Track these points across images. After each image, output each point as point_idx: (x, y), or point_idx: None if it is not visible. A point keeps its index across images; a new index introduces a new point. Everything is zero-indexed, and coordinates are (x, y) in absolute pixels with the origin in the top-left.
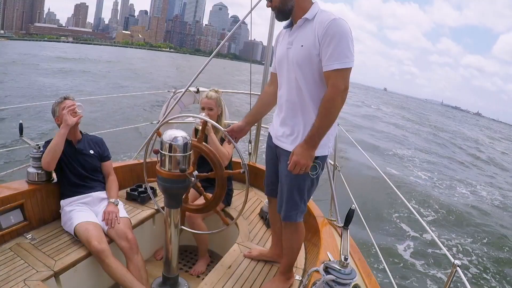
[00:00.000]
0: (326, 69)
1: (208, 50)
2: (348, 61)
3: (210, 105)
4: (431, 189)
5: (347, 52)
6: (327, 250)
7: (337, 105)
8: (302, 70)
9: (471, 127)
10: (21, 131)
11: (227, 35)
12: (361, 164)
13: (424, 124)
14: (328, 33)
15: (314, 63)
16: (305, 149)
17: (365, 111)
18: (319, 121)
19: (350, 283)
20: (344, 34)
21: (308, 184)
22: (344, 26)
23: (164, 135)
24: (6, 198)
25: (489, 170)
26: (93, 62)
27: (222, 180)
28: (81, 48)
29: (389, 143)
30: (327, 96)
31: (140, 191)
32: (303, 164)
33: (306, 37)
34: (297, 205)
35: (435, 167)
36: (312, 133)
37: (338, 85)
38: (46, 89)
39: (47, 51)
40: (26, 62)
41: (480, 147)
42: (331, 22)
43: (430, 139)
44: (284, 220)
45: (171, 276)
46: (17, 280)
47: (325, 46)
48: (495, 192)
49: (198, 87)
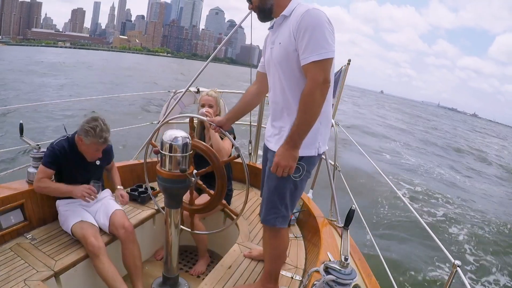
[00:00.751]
0: (304, 62)
1: (205, 54)
2: (325, 51)
3: (210, 102)
4: (431, 189)
5: (323, 42)
6: (327, 250)
7: (316, 99)
8: (283, 69)
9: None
10: (21, 131)
11: (224, 40)
12: (361, 164)
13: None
14: (302, 25)
15: (292, 60)
16: (286, 149)
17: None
18: (298, 118)
19: (350, 283)
20: (318, 24)
21: (291, 188)
22: (318, 15)
23: (164, 135)
24: (6, 198)
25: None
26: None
27: (220, 171)
28: (79, 53)
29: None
30: (306, 91)
31: (140, 191)
32: (284, 166)
33: (283, 34)
34: (276, 208)
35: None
36: (292, 132)
37: (317, 78)
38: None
39: (46, 56)
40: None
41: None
42: (304, 13)
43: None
44: (262, 223)
45: (171, 276)
46: (17, 280)
47: (300, 39)
48: (495, 192)
49: (198, 87)
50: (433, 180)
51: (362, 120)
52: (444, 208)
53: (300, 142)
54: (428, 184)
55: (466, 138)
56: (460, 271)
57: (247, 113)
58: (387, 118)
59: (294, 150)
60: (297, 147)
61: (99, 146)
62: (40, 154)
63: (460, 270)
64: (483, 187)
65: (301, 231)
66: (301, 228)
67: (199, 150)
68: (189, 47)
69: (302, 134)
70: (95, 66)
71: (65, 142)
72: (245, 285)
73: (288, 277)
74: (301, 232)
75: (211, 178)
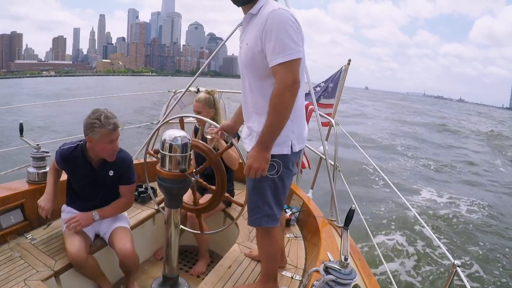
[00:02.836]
0: (271, 64)
1: (189, 70)
2: (292, 52)
3: (197, 108)
4: (431, 189)
5: (289, 43)
6: (327, 250)
7: (285, 100)
8: (250, 69)
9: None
10: (21, 131)
11: (205, 53)
12: (360, 164)
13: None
14: (267, 26)
15: (258, 60)
16: (257, 151)
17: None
18: (269, 119)
19: (350, 283)
20: (282, 25)
21: (270, 186)
22: (283, 15)
23: (164, 135)
24: (6, 198)
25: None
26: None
27: (217, 164)
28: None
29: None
30: (275, 92)
31: (140, 191)
32: (256, 168)
33: (250, 34)
34: (259, 208)
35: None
36: (263, 134)
37: (285, 80)
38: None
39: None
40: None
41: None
42: (269, 14)
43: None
44: (249, 224)
45: (171, 276)
46: (17, 280)
47: (267, 41)
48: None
49: (198, 87)
50: (433, 179)
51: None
52: (444, 208)
53: (271, 143)
54: (429, 184)
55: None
56: (460, 271)
57: None
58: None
59: (266, 151)
60: (268, 148)
61: (111, 136)
62: (40, 154)
63: (460, 270)
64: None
65: (301, 231)
66: (301, 228)
67: (197, 149)
68: (172, 64)
69: (273, 135)
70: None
71: (74, 150)
72: (245, 285)
73: (288, 277)
74: (301, 232)
75: (211, 178)
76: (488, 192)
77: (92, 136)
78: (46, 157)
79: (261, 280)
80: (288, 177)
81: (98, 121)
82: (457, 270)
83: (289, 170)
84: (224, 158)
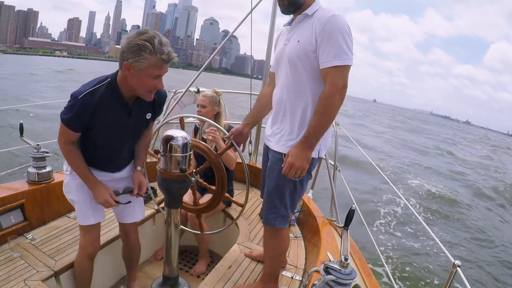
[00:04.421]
0: (325, 66)
1: (200, 64)
2: (347, 58)
3: (203, 102)
4: (431, 188)
5: (345, 49)
6: (327, 250)
7: (335, 103)
8: (296, 67)
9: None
10: (22, 131)
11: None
12: (361, 163)
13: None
14: (326, 29)
15: (308, 59)
16: (300, 150)
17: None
18: (316, 120)
19: (350, 283)
20: (342, 31)
21: (291, 188)
22: (344, 23)
23: (164, 135)
24: (6, 198)
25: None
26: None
27: (217, 164)
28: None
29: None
30: (325, 94)
31: None
32: (298, 167)
33: (303, 33)
34: (276, 208)
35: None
36: (308, 133)
37: (337, 83)
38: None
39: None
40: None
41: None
42: (329, 18)
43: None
44: (263, 223)
45: (171, 276)
46: (17, 280)
47: (324, 42)
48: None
49: (199, 87)
50: (432, 178)
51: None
52: (444, 208)
53: (315, 143)
54: (428, 181)
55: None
56: (460, 271)
57: (265, 116)
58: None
59: (309, 151)
60: (312, 147)
61: (160, 69)
62: (40, 154)
63: (460, 270)
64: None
65: (301, 231)
66: (301, 228)
67: (197, 149)
68: (184, 57)
69: (318, 136)
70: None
71: (100, 89)
72: (245, 285)
73: (288, 277)
74: (301, 232)
75: (211, 178)
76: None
77: (135, 63)
78: (46, 157)
79: (262, 279)
80: (306, 181)
81: (150, 44)
82: (457, 270)
83: (309, 175)
84: (222, 158)
